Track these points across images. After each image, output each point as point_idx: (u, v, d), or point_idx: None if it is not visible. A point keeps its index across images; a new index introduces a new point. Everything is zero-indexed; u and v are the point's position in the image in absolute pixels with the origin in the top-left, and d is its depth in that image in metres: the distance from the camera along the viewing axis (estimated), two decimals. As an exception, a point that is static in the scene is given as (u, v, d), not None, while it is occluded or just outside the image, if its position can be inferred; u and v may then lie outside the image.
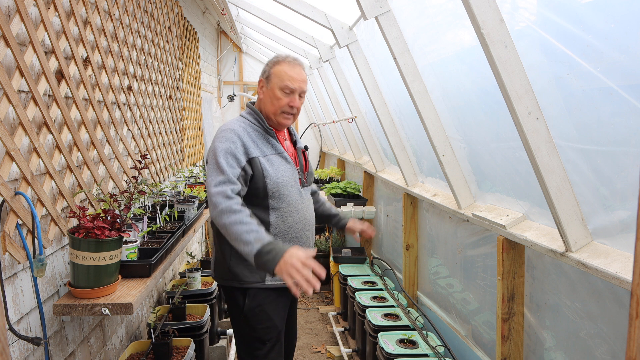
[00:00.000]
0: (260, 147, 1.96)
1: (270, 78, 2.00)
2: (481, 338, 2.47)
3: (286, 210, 1.98)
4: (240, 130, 1.95)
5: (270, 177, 1.93)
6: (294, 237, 2.02)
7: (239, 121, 2.01)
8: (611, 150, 1.47)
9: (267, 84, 2.02)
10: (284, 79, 1.97)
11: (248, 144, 1.92)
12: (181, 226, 2.53)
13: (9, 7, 1.55)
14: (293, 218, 2.00)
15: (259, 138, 1.98)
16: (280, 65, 1.99)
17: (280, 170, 1.97)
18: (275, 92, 1.98)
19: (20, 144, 1.55)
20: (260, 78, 2.07)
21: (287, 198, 1.97)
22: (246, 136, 1.94)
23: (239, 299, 2.01)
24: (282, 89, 1.97)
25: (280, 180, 1.95)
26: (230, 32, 6.23)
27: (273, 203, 1.95)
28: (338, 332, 3.94)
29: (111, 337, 2.39)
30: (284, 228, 1.98)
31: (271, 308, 2.01)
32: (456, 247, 2.72)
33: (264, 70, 2.05)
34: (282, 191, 1.95)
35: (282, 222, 1.98)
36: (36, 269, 1.58)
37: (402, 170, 3.34)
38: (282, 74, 1.98)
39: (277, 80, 1.98)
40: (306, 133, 7.06)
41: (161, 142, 3.33)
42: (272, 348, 2.03)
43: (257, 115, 2.02)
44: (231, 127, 1.95)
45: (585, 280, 1.69)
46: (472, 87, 2.20)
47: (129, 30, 2.69)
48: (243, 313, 2.00)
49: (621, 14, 1.35)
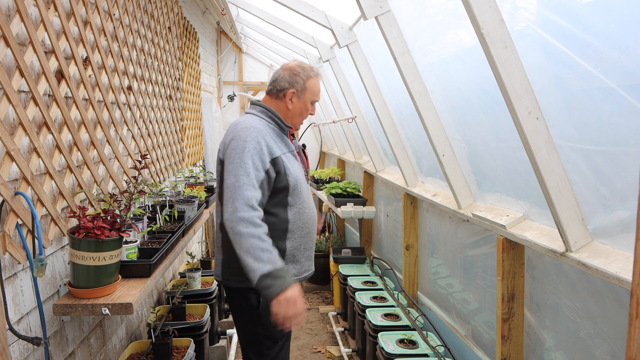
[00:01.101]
0: (279, 146, 2.00)
1: (305, 92, 2.06)
2: (481, 338, 2.47)
3: (301, 207, 2.03)
4: (264, 128, 1.97)
5: (292, 174, 1.97)
6: (307, 233, 2.06)
7: (255, 120, 2.01)
8: (611, 150, 1.47)
9: (301, 97, 2.06)
10: (316, 93, 2.08)
11: (270, 143, 1.95)
12: (181, 226, 2.53)
13: (9, 7, 1.55)
14: (306, 214, 2.05)
15: (275, 136, 2.01)
16: (314, 80, 2.07)
17: (296, 167, 2.03)
18: (307, 104, 2.07)
19: (20, 144, 1.55)
20: (291, 89, 2.05)
21: (302, 195, 2.03)
22: (268, 135, 1.96)
23: (252, 299, 1.99)
24: (312, 103, 2.09)
25: (299, 177, 2.01)
26: (230, 32, 6.22)
27: (291, 200, 1.99)
28: (338, 332, 3.94)
29: (111, 337, 2.39)
30: (299, 224, 2.03)
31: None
32: (456, 247, 2.72)
33: (296, 82, 2.05)
34: (299, 187, 2.00)
35: (298, 218, 2.02)
36: (36, 269, 1.58)
37: (402, 170, 3.34)
38: (315, 88, 2.07)
39: (311, 95, 2.07)
40: (306, 133, 7.06)
41: (161, 142, 3.33)
42: (282, 347, 2.05)
43: (275, 115, 2.04)
44: (253, 124, 1.95)
45: (585, 280, 1.69)
46: (472, 87, 2.20)
47: (129, 30, 2.68)
48: (257, 313, 1.99)
49: (621, 14, 1.35)
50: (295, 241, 2.01)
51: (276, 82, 2.07)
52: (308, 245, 2.08)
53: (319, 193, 5.15)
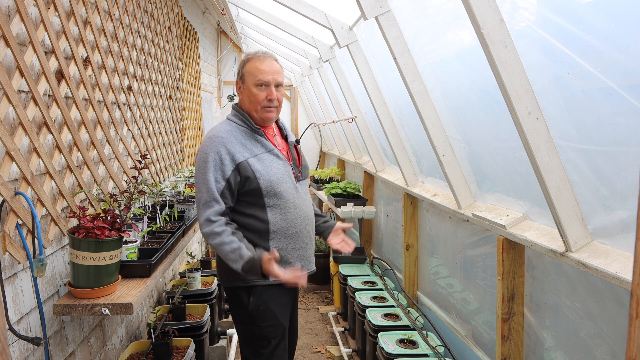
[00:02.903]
0: (248, 148, 1.97)
1: (244, 77, 2.02)
2: (481, 338, 2.47)
3: (283, 207, 1.99)
4: (227, 135, 1.96)
5: (263, 177, 1.94)
6: (294, 233, 2.03)
7: (225, 124, 2.02)
8: (611, 150, 1.47)
9: (243, 84, 2.03)
10: (256, 74, 1.98)
11: (234, 149, 1.93)
12: (181, 226, 2.53)
13: (9, 7, 1.55)
14: (291, 214, 2.01)
15: (246, 138, 1.99)
16: (251, 62, 2.01)
17: (272, 168, 1.98)
18: (251, 89, 2.00)
19: (20, 144, 1.55)
20: (236, 80, 2.08)
21: (283, 195, 1.98)
22: (233, 140, 1.95)
23: (244, 298, 2.03)
24: (256, 85, 1.99)
25: (274, 178, 1.96)
26: (230, 32, 6.23)
27: (269, 201, 1.97)
28: (338, 332, 3.94)
29: (111, 337, 2.39)
30: (283, 225, 2.00)
31: (275, 305, 2.04)
32: (456, 247, 2.72)
33: (238, 71, 2.07)
34: (276, 188, 1.97)
35: (280, 219, 1.99)
36: (36, 269, 1.58)
37: (402, 170, 3.34)
38: (253, 70, 1.99)
39: (251, 78, 1.99)
40: (306, 133, 7.06)
41: (161, 142, 3.33)
42: (277, 346, 2.06)
43: (243, 115, 2.03)
44: (217, 133, 1.96)
45: (585, 280, 1.69)
46: (472, 87, 2.20)
47: (129, 30, 2.68)
48: (248, 311, 2.02)
49: (621, 14, 1.35)
50: (280, 242, 2.00)
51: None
52: (297, 245, 2.04)
53: (319, 193, 5.15)
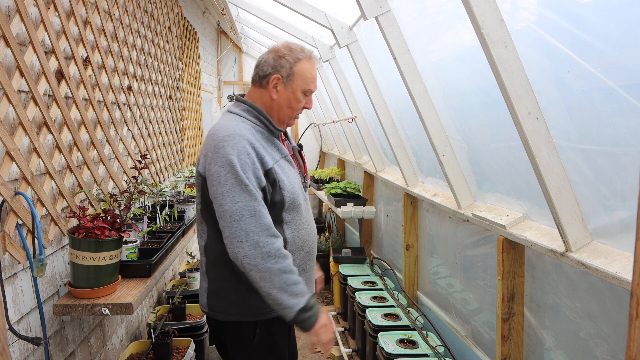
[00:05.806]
0: (270, 153, 1.66)
1: (293, 78, 1.67)
2: (481, 338, 2.47)
3: (299, 223, 1.73)
4: (250, 135, 1.62)
5: (287, 187, 1.65)
6: (308, 252, 1.78)
7: (238, 121, 1.67)
8: (611, 150, 1.47)
9: (288, 84, 1.68)
10: (308, 81, 1.69)
11: (261, 153, 1.61)
12: (181, 226, 2.53)
13: (9, 7, 1.55)
14: (305, 230, 1.76)
15: (265, 141, 1.67)
16: (303, 64, 1.69)
17: (291, 176, 1.70)
18: (297, 94, 1.69)
19: (20, 144, 1.55)
20: (275, 74, 1.68)
21: (299, 209, 1.72)
22: (256, 142, 1.62)
23: (248, 332, 1.72)
24: (304, 92, 1.70)
25: (295, 189, 1.69)
26: (230, 32, 6.22)
27: (287, 216, 1.68)
28: (338, 332, 3.94)
29: (111, 337, 2.39)
30: (299, 243, 1.73)
31: (281, 338, 1.80)
32: (456, 247, 2.72)
33: (281, 65, 1.67)
34: (296, 201, 1.70)
35: (297, 236, 1.72)
36: (36, 269, 1.58)
37: (402, 170, 3.34)
38: (306, 74, 1.69)
39: (301, 83, 1.68)
40: (306, 133, 7.06)
41: (161, 142, 3.33)
42: None
43: (260, 114, 1.69)
44: (237, 131, 1.60)
45: (585, 280, 1.69)
46: (472, 87, 2.20)
47: (129, 30, 2.68)
48: (253, 347, 1.72)
49: (621, 14, 1.35)
50: (295, 263, 1.70)
51: (259, 67, 1.71)
52: (308, 266, 1.78)
53: (319, 193, 5.15)
